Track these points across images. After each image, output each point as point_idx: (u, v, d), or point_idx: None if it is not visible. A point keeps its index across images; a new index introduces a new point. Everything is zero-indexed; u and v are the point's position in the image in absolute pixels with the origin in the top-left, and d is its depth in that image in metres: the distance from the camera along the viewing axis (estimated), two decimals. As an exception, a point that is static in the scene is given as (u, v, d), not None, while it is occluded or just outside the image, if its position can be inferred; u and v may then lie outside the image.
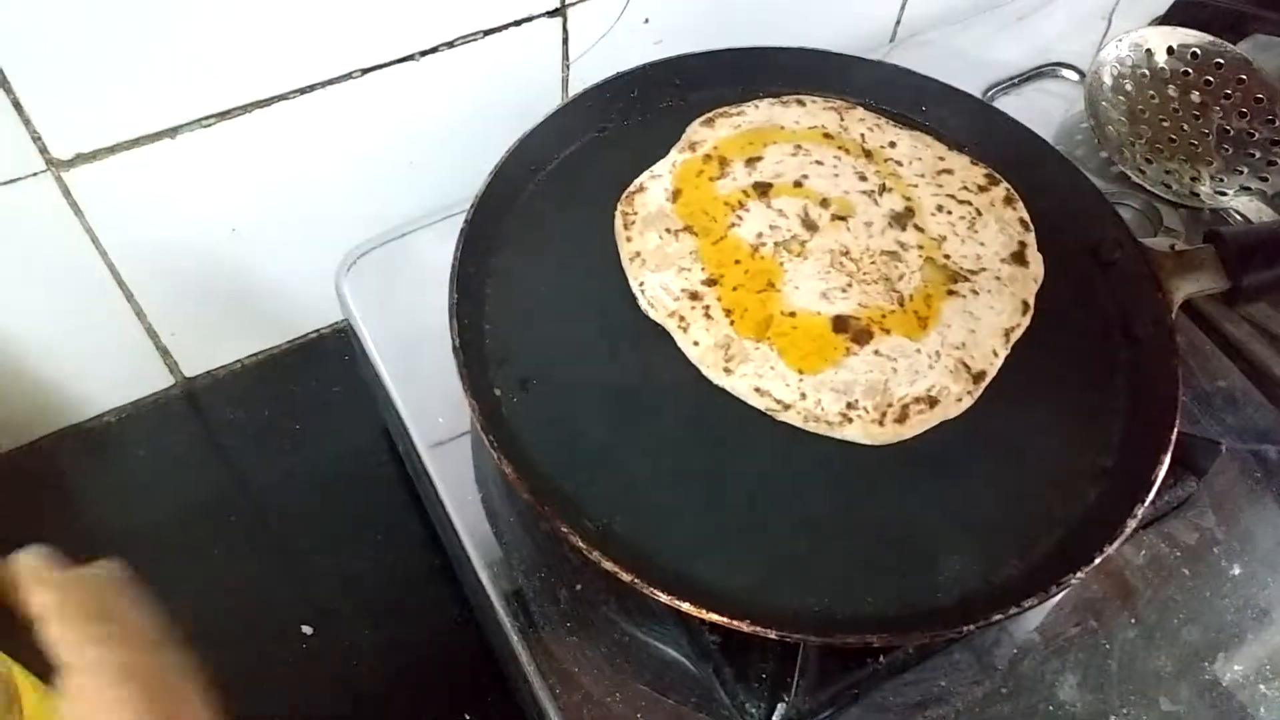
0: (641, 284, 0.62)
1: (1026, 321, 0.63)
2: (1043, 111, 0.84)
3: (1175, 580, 0.61)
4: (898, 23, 0.94)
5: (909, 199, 0.67)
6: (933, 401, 0.59)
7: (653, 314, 0.61)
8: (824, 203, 0.66)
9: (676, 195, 0.66)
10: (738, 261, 0.63)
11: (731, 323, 0.61)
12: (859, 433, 0.57)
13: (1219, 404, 0.68)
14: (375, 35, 0.67)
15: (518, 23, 0.72)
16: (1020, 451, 0.58)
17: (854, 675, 0.55)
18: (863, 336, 0.60)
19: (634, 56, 0.71)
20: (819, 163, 0.68)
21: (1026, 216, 0.67)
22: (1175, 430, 0.56)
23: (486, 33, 0.71)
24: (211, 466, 0.80)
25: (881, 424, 0.58)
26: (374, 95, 0.69)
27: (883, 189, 0.67)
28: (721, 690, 0.55)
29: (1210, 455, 0.61)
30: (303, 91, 0.66)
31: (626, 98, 0.71)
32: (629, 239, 0.64)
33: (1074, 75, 0.87)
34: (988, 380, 0.60)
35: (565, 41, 0.75)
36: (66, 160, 0.62)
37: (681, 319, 0.61)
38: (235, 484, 0.79)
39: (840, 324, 0.61)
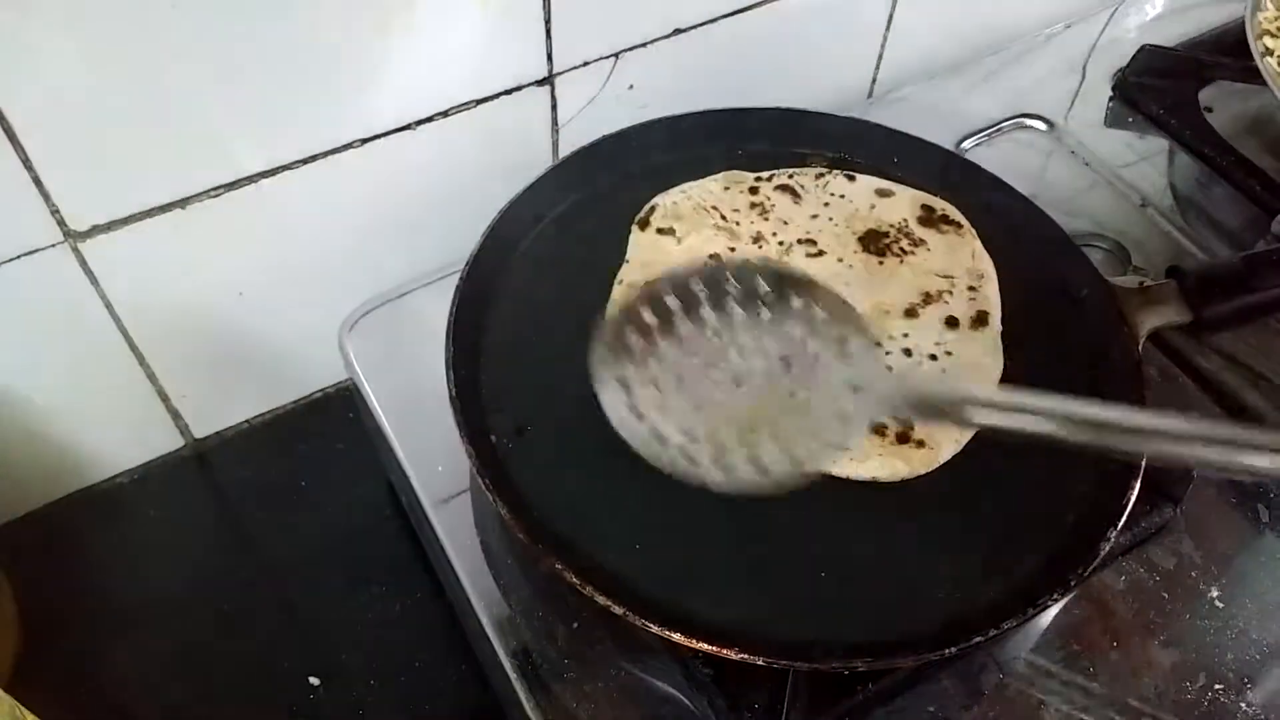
0: None
1: None
2: (1014, 161, 0.88)
3: (1155, 604, 0.62)
4: (874, 80, 0.98)
5: None
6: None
7: None
8: None
9: None
10: None
11: None
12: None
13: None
14: (374, 107, 0.71)
15: (508, 91, 0.76)
16: (999, 483, 0.60)
17: (844, 704, 0.57)
18: None
19: (619, 120, 0.75)
20: None
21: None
22: (1144, 457, 0.59)
23: (479, 101, 0.75)
24: (221, 524, 0.83)
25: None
26: (373, 163, 0.73)
27: None
28: (716, 722, 0.57)
29: (1183, 482, 0.64)
30: (305, 161, 0.70)
31: (612, 159, 0.74)
32: None
33: (1043, 125, 0.91)
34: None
35: (554, 108, 0.79)
36: (83, 232, 0.66)
37: None
38: (244, 540, 0.82)
39: None
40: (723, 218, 0.72)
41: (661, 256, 0.69)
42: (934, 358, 0.65)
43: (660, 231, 0.71)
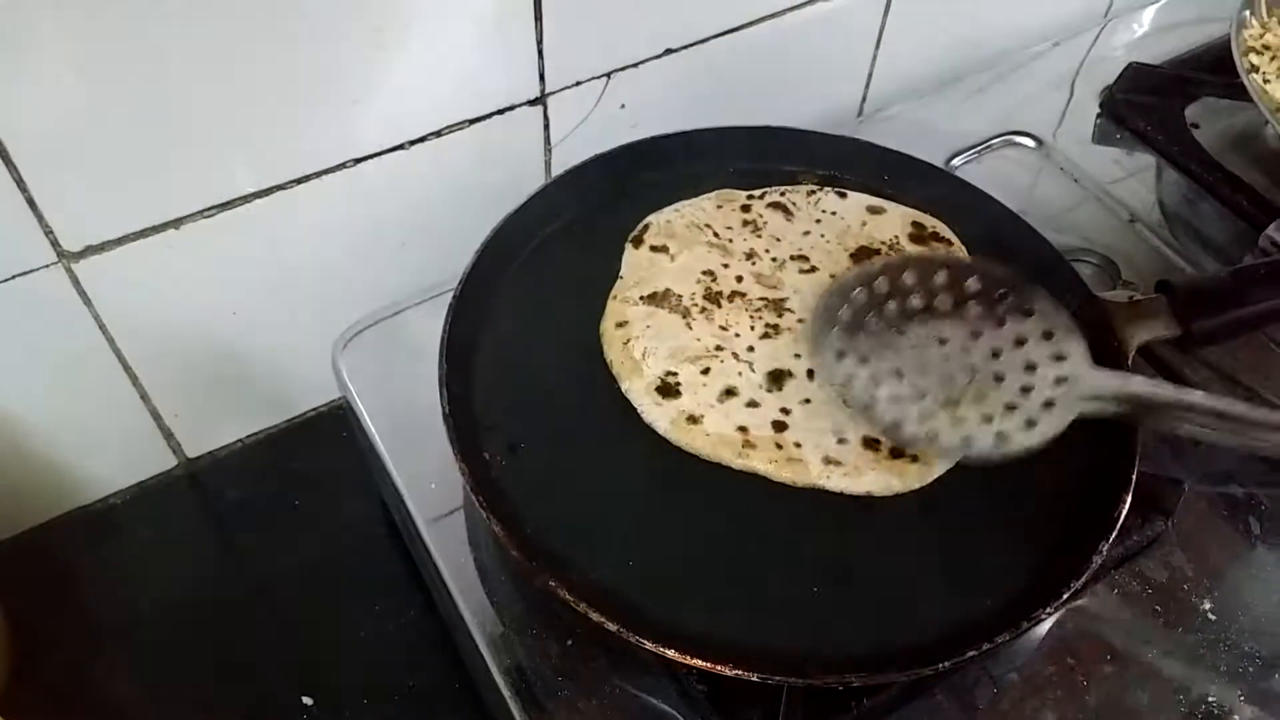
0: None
1: None
2: (1004, 177, 0.88)
3: (1148, 617, 0.62)
4: (864, 99, 0.99)
5: None
6: None
7: None
8: None
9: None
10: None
11: None
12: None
13: (1186, 447, 0.70)
14: (367, 127, 0.71)
15: (501, 111, 0.76)
16: (991, 497, 0.61)
17: (839, 719, 0.57)
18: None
19: (612, 139, 0.76)
20: None
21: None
22: (1135, 470, 0.59)
23: (472, 121, 0.75)
24: (214, 544, 0.83)
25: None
26: (367, 182, 0.73)
27: None
28: (710, 739, 0.57)
29: (1175, 495, 0.64)
30: (299, 181, 0.70)
31: (605, 177, 0.75)
32: None
33: (1031, 142, 0.91)
34: None
35: (546, 127, 0.80)
36: (76, 252, 0.66)
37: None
38: (237, 560, 0.81)
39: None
40: (715, 235, 0.72)
41: (655, 273, 0.69)
42: None
43: (654, 249, 0.71)
